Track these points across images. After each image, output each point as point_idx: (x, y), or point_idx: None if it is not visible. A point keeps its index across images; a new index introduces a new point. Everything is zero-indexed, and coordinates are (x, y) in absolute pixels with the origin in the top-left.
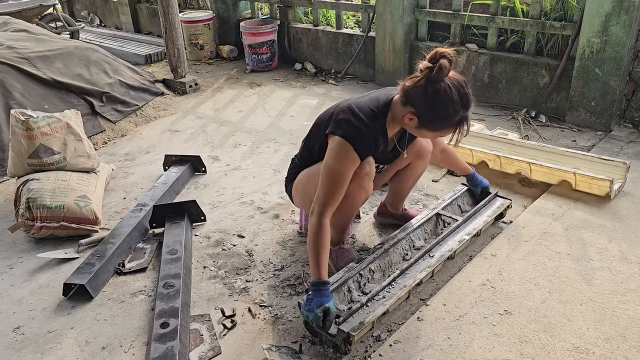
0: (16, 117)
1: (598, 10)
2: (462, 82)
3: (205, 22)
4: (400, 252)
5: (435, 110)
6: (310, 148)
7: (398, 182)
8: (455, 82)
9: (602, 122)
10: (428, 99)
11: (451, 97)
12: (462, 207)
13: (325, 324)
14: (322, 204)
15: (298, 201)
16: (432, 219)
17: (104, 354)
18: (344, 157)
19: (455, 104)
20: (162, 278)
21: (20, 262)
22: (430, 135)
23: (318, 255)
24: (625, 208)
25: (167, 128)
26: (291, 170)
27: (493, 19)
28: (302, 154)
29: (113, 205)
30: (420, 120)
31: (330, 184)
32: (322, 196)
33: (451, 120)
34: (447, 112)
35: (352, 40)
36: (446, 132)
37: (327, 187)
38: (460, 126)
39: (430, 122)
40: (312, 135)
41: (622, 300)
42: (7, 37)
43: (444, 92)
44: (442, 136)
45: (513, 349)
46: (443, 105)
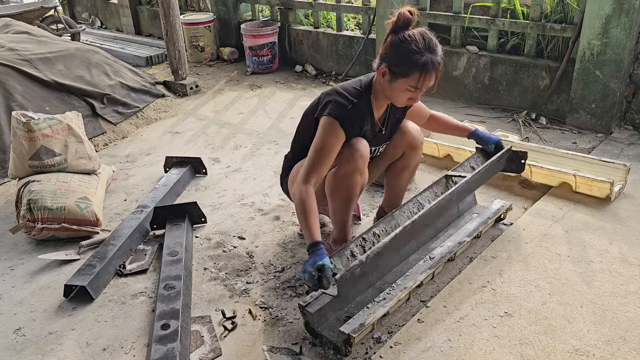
0: (17, 119)
1: (598, 13)
2: (426, 30)
3: (206, 24)
4: (407, 214)
5: (400, 53)
6: (302, 140)
7: (392, 177)
8: (420, 30)
9: (602, 124)
10: (394, 45)
11: (414, 38)
12: (475, 167)
13: (321, 282)
14: (306, 171)
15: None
16: (441, 181)
17: (104, 356)
18: (329, 132)
19: (419, 44)
20: (162, 279)
21: (21, 263)
22: (403, 87)
23: (307, 218)
24: (626, 210)
25: (167, 130)
26: (285, 166)
27: (493, 21)
28: (294, 148)
29: (114, 206)
30: (390, 69)
31: (315, 155)
32: (307, 165)
33: (417, 62)
34: (411, 52)
35: (352, 43)
36: (414, 78)
37: (312, 158)
38: (427, 70)
39: (397, 68)
40: (302, 127)
41: (623, 302)
42: (9, 39)
43: (407, 36)
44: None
45: (513, 351)
46: (407, 47)
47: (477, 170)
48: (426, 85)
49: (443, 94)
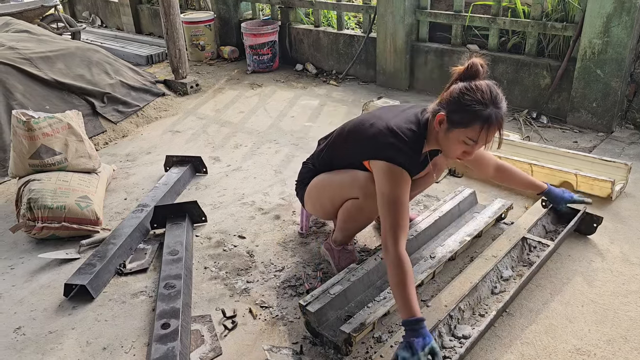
0: (18, 118)
1: (599, 11)
2: (494, 84)
3: (207, 23)
4: (488, 285)
5: (464, 102)
6: (333, 161)
7: None
8: (487, 82)
9: (603, 123)
10: (459, 94)
11: (481, 89)
12: (547, 227)
13: None
14: (396, 234)
15: (310, 207)
16: (518, 245)
17: (104, 355)
18: (400, 182)
19: (485, 95)
20: (163, 279)
21: (21, 262)
22: (460, 139)
23: (405, 289)
24: (627, 209)
25: (168, 129)
26: (304, 175)
27: (494, 19)
28: (319, 163)
29: (114, 205)
30: (449, 117)
31: (397, 212)
32: (392, 227)
33: (480, 114)
34: (475, 103)
35: (353, 41)
36: (475, 130)
37: (394, 217)
38: (489, 123)
39: (458, 116)
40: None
41: (624, 302)
42: (9, 38)
43: (474, 85)
44: (471, 138)
45: (514, 351)
46: (472, 97)
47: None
48: (487, 140)
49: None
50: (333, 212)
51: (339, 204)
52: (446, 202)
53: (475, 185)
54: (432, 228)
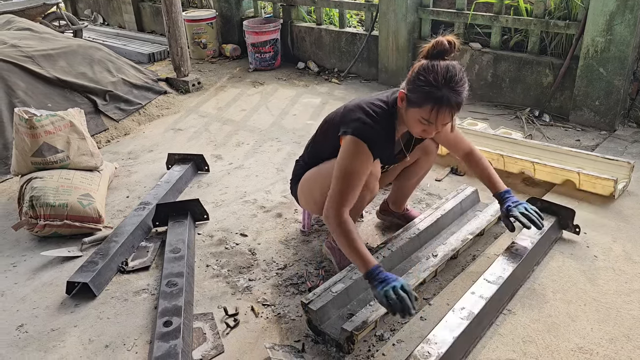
0: (20, 116)
1: (602, 9)
2: (456, 65)
3: (208, 21)
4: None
5: (419, 83)
6: (319, 151)
7: (402, 179)
8: (450, 63)
9: (606, 121)
10: (417, 74)
11: (437, 70)
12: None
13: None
14: (338, 204)
15: (303, 202)
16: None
17: (107, 352)
18: (356, 155)
19: (438, 77)
20: (165, 276)
21: (23, 260)
22: (416, 117)
23: (355, 248)
24: (630, 208)
25: (170, 127)
26: (296, 172)
27: (497, 17)
28: (308, 158)
29: (116, 203)
30: (407, 96)
31: (345, 184)
32: (337, 196)
33: (431, 96)
34: (428, 83)
35: (355, 39)
36: (426, 111)
37: (341, 187)
38: (440, 105)
39: (413, 96)
40: (319, 137)
41: (627, 301)
42: (11, 36)
43: (432, 66)
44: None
45: (516, 349)
46: (426, 78)
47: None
48: (439, 121)
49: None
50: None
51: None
52: (448, 200)
53: (478, 183)
54: (434, 226)
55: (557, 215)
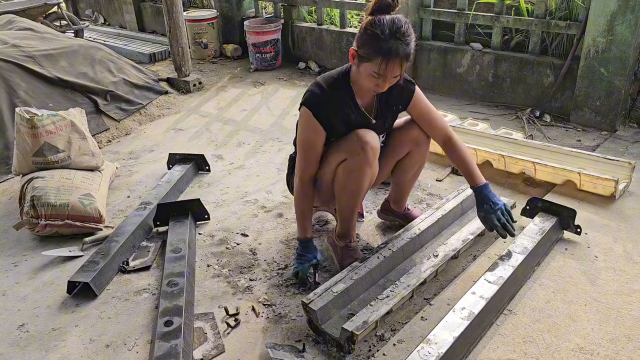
0: (21, 115)
1: (603, 10)
2: (401, 18)
3: (209, 21)
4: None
5: (366, 36)
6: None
7: (399, 174)
8: (395, 16)
9: (607, 121)
10: (364, 29)
11: (382, 22)
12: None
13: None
14: (300, 169)
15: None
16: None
17: (108, 352)
18: (305, 124)
19: (385, 29)
20: (166, 276)
21: (24, 259)
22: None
23: (303, 214)
24: (630, 208)
25: (171, 127)
26: (290, 165)
27: (498, 18)
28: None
29: (117, 203)
30: (357, 52)
31: (301, 151)
32: (299, 163)
33: (379, 48)
34: (376, 36)
35: None
36: (376, 64)
37: (300, 155)
38: (389, 56)
39: (363, 50)
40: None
41: (627, 301)
42: (12, 36)
43: (377, 20)
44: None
45: (517, 349)
46: (373, 31)
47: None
48: (389, 73)
49: (446, 92)
50: (323, 190)
51: (330, 177)
52: (449, 200)
53: None
54: (435, 226)
55: (558, 216)
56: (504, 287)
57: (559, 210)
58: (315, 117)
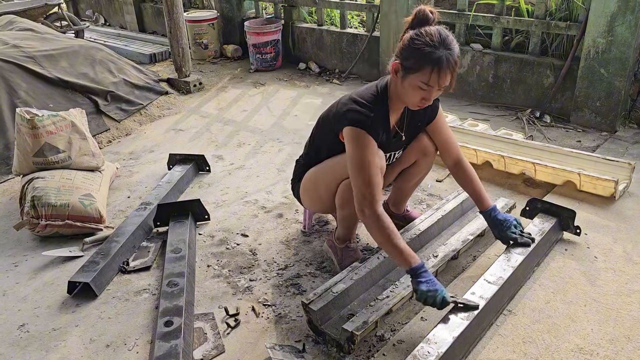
0: (21, 116)
1: (603, 10)
2: (444, 28)
3: (210, 22)
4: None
5: (413, 47)
6: (318, 149)
7: (402, 181)
8: (438, 27)
9: (607, 122)
10: (410, 41)
11: (429, 32)
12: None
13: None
14: (368, 195)
15: (307, 202)
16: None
17: (108, 352)
18: (361, 144)
19: (434, 38)
20: (166, 277)
21: (25, 260)
22: (415, 84)
23: (394, 243)
24: (630, 209)
25: (171, 127)
26: (296, 172)
27: (498, 19)
28: (307, 155)
29: (117, 203)
30: (403, 65)
31: (363, 174)
32: (363, 189)
33: (430, 57)
34: (424, 45)
35: (356, 40)
36: (426, 74)
37: (363, 178)
38: (440, 65)
39: (410, 62)
40: (316, 136)
41: (627, 301)
42: (13, 36)
43: (422, 31)
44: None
45: (517, 350)
46: (421, 41)
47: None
48: (440, 83)
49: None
50: (330, 201)
51: (335, 190)
52: (449, 201)
53: None
54: (435, 227)
55: (558, 217)
56: (504, 287)
57: (558, 211)
58: (369, 133)
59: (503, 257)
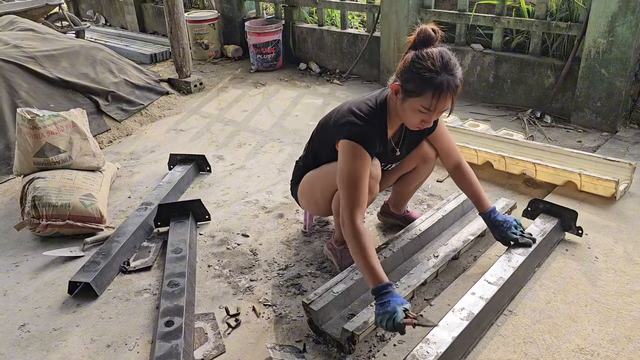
0: (22, 116)
1: (604, 11)
2: (447, 50)
3: (210, 22)
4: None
5: (414, 71)
6: (316, 154)
7: (402, 185)
8: (440, 49)
9: (607, 122)
10: (411, 63)
11: (431, 56)
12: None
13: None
14: (350, 208)
15: (304, 204)
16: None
17: (109, 352)
18: (355, 157)
19: (435, 62)
20: (166, 277)
21: (26, 260)
22: (415, 107)
23: (366, 259)
24: (631, 209)
25: (172, 127)
26: (295, 174)
27: (498, 19)
28: (306, 158)
29: (118, 204)
30: (403, 87)
31: (351, 187)
32: (347, 201)
33: (431, 82)
34: (426, 70)
35: (356, 40)
36: (427, 98)
37: (348, 192)
38: (441, 90)
39: (411, 85)
40: (316, 141)
41: (627, 302)
42: (14, 36)
43: (425, 53)
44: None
45: (517, 350)
46: (422, 65)
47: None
48: (440, 107)
49: None
50: (326, 206)
51: (331, 196)
52: (450, 201)
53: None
54: (435, 227)
55: (559, 217)
56: (504, 287)
57: (560, 211)
58: (365, 148)
59: (504, 257)
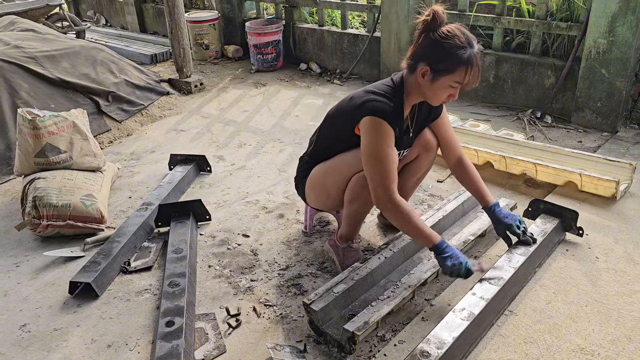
0: (23, 116)
1: (604, 11)
2: (460, 25)
3: (211, 22)
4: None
5: (444, 50)
6: (326, 146)
7: (403, 177)
8: (455, 25)
9: (608, 123)
10: (435, 43)
11: (455, 34)
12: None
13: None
14: (384, 185)
15: (313, 198)
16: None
17: (109, 352)
18: (380, 133)
19: (461, 38)
20: (167, 277)
21: (26, 260)
22: (446, 85)
23: (419, 227)
24: (631, 209)
25: (172, 127)
26: (301, 169)
27: (499, 19)
28: (314, 151)
29: (119, 204)
30: (433, 68)
31: (381, 163)
32: (380, 178)
33: (462, 57)
34: (455, 47)
35: (357, 41)
36: (461, 74)
37: (379, 168)
38: (471, 64)
39: (443, 64)
40: (325, 131)
41: (628, 302)
42: (14, 37)
43: (447, 32)
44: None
45: (518, 350)
46: (450, 43)
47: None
48: (472, 80)
49: None
50: (339, 196)
51: (344, 186)
52: (450, 201)
53: None
54: (435, 227)
55: (560, 217)
56: (505, 288)
57: (561, 211)
58: (389, 124)
59: (504, 257)
